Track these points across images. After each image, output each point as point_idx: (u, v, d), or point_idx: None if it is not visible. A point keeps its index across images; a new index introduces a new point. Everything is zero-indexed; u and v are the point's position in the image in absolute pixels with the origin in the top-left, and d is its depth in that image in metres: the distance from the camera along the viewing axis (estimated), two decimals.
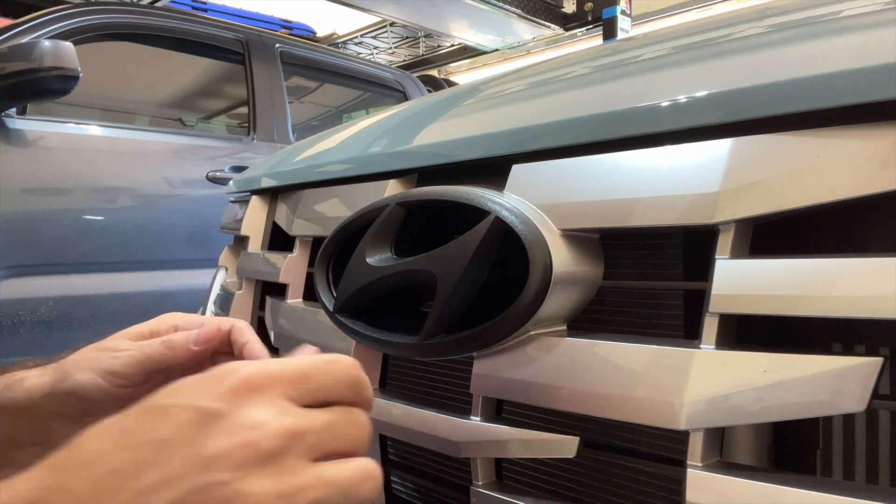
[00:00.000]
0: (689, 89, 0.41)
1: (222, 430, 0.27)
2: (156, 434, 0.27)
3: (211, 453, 0.27)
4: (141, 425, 0.28)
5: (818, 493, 0.31)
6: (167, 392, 0.30)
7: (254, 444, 0.27)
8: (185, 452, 0.27)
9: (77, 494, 0.25)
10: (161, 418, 0.28)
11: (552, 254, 0.42)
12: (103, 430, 0.28)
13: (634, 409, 0.38)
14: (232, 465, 0.26)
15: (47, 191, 1.96)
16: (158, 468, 0.26)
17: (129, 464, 0.26)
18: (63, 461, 0.27)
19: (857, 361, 0.31)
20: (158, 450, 0.27)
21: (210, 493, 0.26)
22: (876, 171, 0.32)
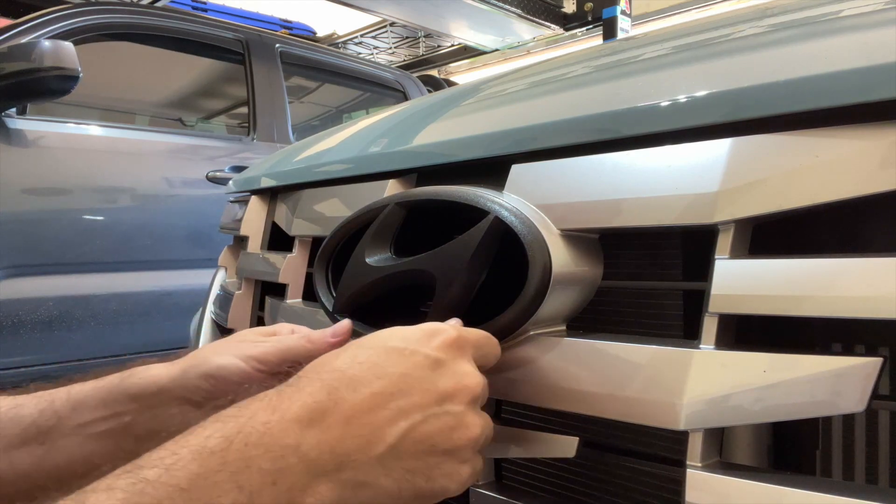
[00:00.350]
0: (688, 89, 0.41)
1: (447, 373, 0.35)
2: (398, 369, 0.34)
3: (443, 390, 0.35)
4: (388, 360, 0.34)
5: (818, 494, 0.31)
6: (391, 336, 0.37)
7: (471, 388, 0.36)
8: (423, 386, 0.34)
9: (351, 406, 0.32)
10: (400, 357, 0.35)
11: (551, 254, 0.42)
12: (352, 360, 0.34)
13: (634, 410, 0.38)
14: (458, 401, 0.35)
15: (47, 191, 1.96)
16: (406, 395, 0.33)
17: (385, 388, 0.33)
18: (331, 380, 0.33)
19: (856, 362, 0.31)
20: (404, 381, 0.34)
21: (444, 419, 0.34)
22: (875, 170, 0.32)
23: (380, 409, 0.32)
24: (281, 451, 0.29)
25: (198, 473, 0.27)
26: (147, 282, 2.13)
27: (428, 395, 0.34)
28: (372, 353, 0.35)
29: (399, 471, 0.32)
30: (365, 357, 0.34)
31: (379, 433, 0.32)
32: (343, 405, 0.32)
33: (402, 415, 0.33)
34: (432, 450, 0.33)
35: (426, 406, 0.34)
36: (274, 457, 0.29)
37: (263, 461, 0.29)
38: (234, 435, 0.29)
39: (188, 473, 0.27)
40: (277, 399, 0.32)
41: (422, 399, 0.34)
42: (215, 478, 0.28)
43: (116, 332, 2.06)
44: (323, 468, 0.30)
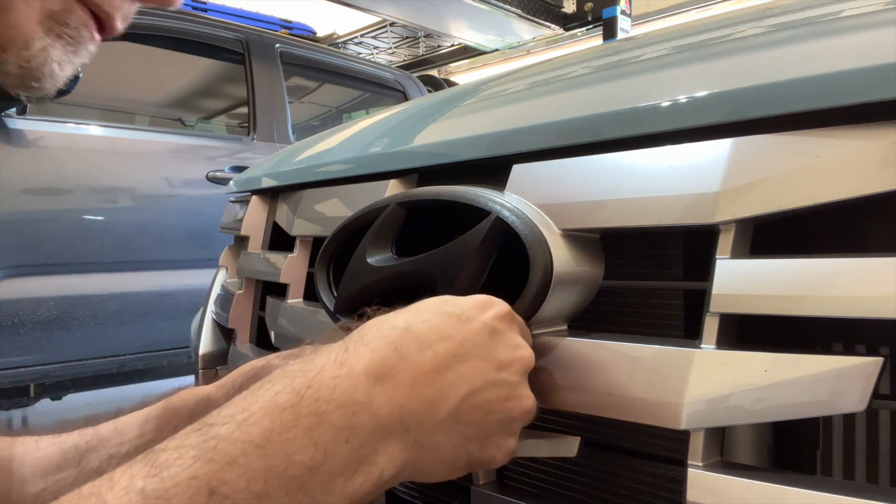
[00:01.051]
0: (689, 89, 0.41)
1: (504, 344, 0.35)
2: (460, 334, 0.34)
3: (501, 359, 0.35)
4: (448, 324, 0.34)
5: (818, 493, 0.31)
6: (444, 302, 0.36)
7: (525, 361, 0.36)
8: (482, 353, 0.34)
9: (417, 365, 0.32)
10: (462, 323, 0.35)
11: (553, 254, 0.42)
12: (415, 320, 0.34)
13: (635, 409, 0.38)
14: (514, 372, 0.35)
15: (47, 191, 1.96)
16: (467, 360, 0.33)
17: (448, 350, 0.33)
18: (397, 338, 0.33)
19: (857, 361, 0.31)
20: (464, 346, 0.34)
21: (501, 388, 0.34)
22: (876, 170, 0.32)
23: (444, 371, 0.32)
24: (353, 407, 0.29)
25: (271, 429, 0.27)
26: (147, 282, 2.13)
27: (487, 362, 0.34)
28: (430, 316, 0.34)
29: (458, 435, 0.33)
30: (424, 318, 0.34)
31: (443, 395, 0.32)
32: (410, 363, 0.32)
33: (463, 379, 0.33)
34: (488, 418, 0.34)
35: (485, 373, 0.34)
36: (346, 413, 0.29)
37: (336, 417, 0.29)
38: (304, 390, 0.29)
39: (262, 429, 0.27)
40: (344, 355, 0.31)
41: (482, 365, 0.34)
42: (289, 433, 0.27)
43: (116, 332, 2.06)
44: (392, 428, 0.30)
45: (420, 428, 0.31)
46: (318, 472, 0.27)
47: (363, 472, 0.29)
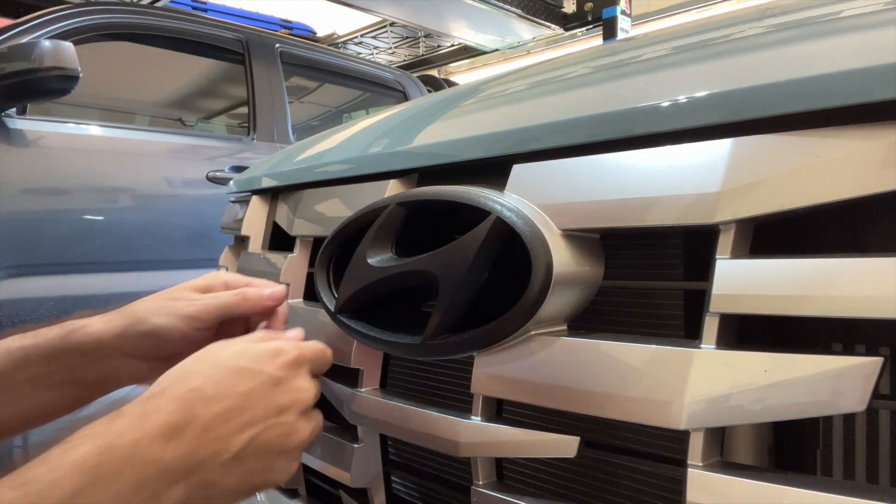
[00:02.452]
0: (689, 89, 0.41)
1: (285, 390, 0.43)
2: (245, 387, 0.41)
3: (280, 404, 0.42)
4: (236, 380, 0.41)
5: (818, 493, 0.31)
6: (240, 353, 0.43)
7: (304, 401, 0.44)
8: (265, 402, 0.41)
9: (205, 421, 0.38)
10: (247, 377, 0.41)
11: (553, 254, 0.42)
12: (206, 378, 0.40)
13: (635, 409, 0.38)
14: (293, 413, 0.43)
15: (47, 191, 1.96)
16: (251, 410, 0.40)
17: (234, 405, 0.40)
18: (189, 398, 0.39)
19: (857, 361, 0.31)
20: (249, 399, 0.41)
21: (281, 427, 0.42)
22: (876, 171, 0.32)
23: (228, 423, 0.39)
24: (145, 465, 0.35)
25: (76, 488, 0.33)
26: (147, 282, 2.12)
27: (268, 409, 0.41)
28: (224, 373, 0.41)
29: (240, 472, 0.39)
30: (219, 377, 0.41)
31: (227, 443, 0.39)
32: (199, 421, 0.38)
33: (246, 427, 0.40)
34: (269, 452, 0.41)
35: (266, 418, 0.41)
36: (139, 470, 0.35)
37: (132, 472, 0.35)
38: (107, 451, 0.35)
39: (69, 489, 0.33)
40: (143, 416, 0.37)
41: (263, 413, 0.41)
42: (91, 490, 0.33)
43: None
44: (178, 475, 0.36)
45: (204, 471, 0.38)
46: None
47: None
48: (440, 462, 0.59)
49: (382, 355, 0.59)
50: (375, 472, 0.60)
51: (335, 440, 0.62)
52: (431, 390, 0.60)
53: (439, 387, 0.59)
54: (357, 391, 0.58)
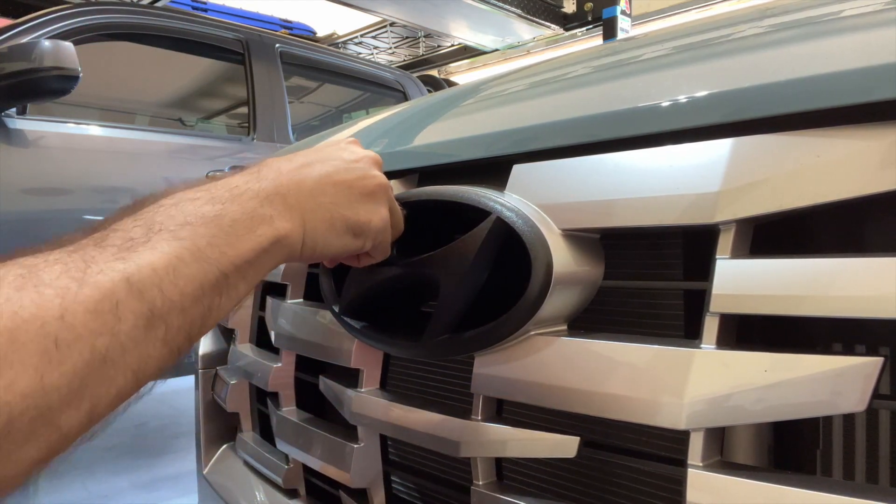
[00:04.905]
0: (689, 89, 0.41)
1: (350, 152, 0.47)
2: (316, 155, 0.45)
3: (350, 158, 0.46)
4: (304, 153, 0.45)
5: (818, 493, 0.31)
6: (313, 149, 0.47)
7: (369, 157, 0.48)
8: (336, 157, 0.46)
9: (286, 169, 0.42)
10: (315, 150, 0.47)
11: (553, 254, 0.42)
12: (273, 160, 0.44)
13: (635, 409, 0.38)
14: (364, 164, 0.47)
15: (47, 191, 1.96)
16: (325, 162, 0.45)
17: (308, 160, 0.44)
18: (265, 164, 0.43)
19: (857, 361, 0.31)
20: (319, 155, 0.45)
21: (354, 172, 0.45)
22: (876, 170, 0.32)
23: (304, 168, 0.43)
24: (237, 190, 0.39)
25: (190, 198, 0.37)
26: None
27: (338, 160, 0.45)
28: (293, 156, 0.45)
29: (328, 203, 0.43)
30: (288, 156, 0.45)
31: (305, 178, 0.42)
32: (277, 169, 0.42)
33: (319, 168, 0.44)
34: (350, 191, 0.44)
35: (337, 164, 0.45)
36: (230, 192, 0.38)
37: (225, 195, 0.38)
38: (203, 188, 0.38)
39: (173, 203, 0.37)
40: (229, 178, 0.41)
41: (334, 162, 0.45)
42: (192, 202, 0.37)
43: None
44: (268, 198, 0.39)
45: (294, 195, 0.41)
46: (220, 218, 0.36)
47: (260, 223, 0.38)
48: (440, 462, 0.59)
49: (382, 355, 0.59)
50: (375, 473, 0.60)
51: (335, 440, 0.62)
52: (431, 390, 0.60)
53: (439, 387, 0.59)
54: (357, 391, 0.58)
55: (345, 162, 0.45)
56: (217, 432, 0.94)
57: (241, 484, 0.82)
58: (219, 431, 0.94)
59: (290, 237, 0.40)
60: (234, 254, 0.36)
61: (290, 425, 0.69)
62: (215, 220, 0.36)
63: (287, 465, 0.73)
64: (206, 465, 0.92)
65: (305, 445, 0.66)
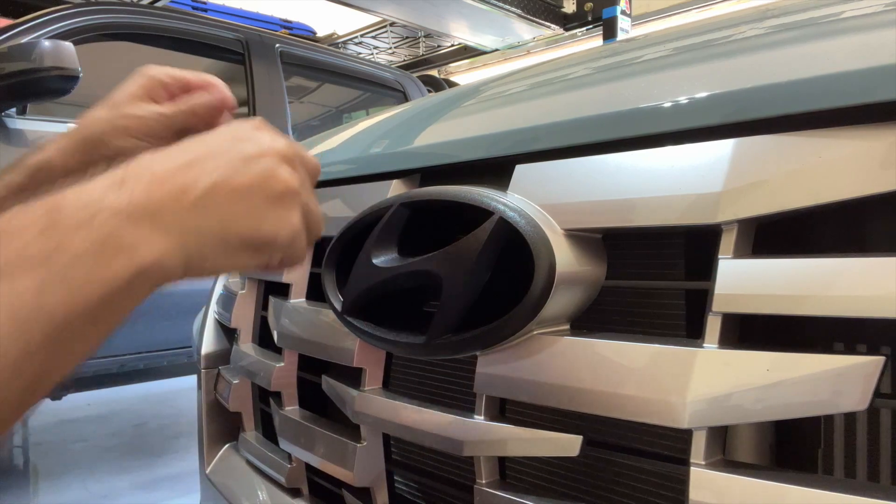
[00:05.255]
0: (690, 90, 0.41)
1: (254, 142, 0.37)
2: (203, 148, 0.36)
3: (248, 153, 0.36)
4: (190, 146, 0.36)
5: (820, 492, 0.31)
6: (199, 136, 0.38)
7: (278, 150, 0.38)
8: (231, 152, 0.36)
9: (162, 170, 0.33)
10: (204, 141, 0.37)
11: (556, 253, 0.42)
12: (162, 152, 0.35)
13: (637, 408, 0.38)
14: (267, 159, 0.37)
15: None
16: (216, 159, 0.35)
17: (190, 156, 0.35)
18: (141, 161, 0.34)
19: (858, 360, 0.31)
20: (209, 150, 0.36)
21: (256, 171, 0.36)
22: (877, 171, 0.32)
23: (187, 169, 0.34)
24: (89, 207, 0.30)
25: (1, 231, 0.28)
26: None
27: (235, 157, 0.36)
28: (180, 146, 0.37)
29: (220, 218, 0.34)
30: (175, 148, 0.36)
31: (190, 184, 0.33)
32: (150, 171, 0.33)
33: (211, 171, 0.34)
34: (250, 197, 0.35)
35: (235, 163, 0.35)
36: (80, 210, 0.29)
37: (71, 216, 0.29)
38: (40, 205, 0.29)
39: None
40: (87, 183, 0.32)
41: (227, 160, 0.35)
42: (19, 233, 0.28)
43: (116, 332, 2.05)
44: (136, 216, 0.31)
45: (171, 212, 0.32)
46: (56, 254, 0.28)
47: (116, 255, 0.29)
48: (443, 461, 0.60)
49: (385, 355, 0.59)
50: (378, 472, 0.60)
51: (338, 439, 0.62)
52: (434, 390, 0.60)
53: (442, 386, 0.59)
54: (360, 391, 0.58)
55: (243, 158, 0.36)
56: (219, 432, 0.94)
57: (244, 483, 0.82)
58: (221, 431, 0.94)
59: (163, 264, 0.31)
60: (74, 300, 0.28)
61: (293, 425, 0.69)
62: (47, 263, 0.27)
63: (290, 465, 0.73)
64: (209, 465, 0.92)
65: (308, 445, 0.66)
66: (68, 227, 0.29)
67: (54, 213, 0.29)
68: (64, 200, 0.30)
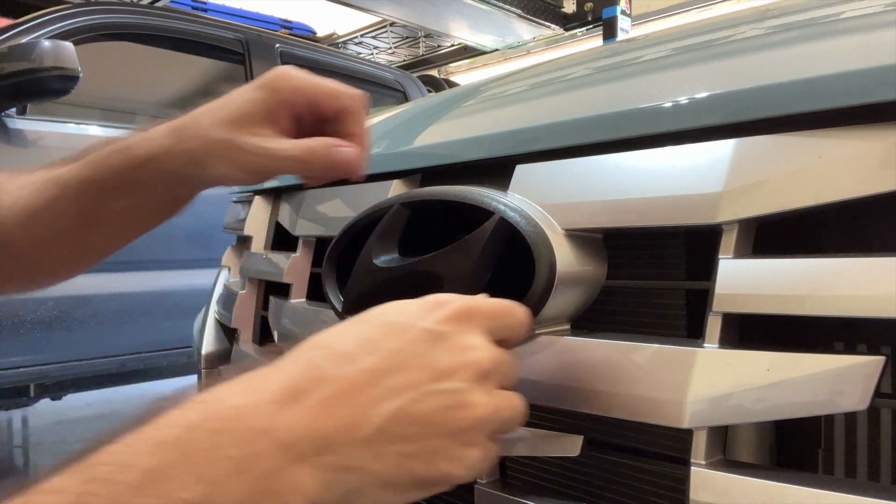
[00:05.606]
0: (691, 90, 0.41)
1: (448, 348, 0.32)
2: (393, 345, 0.31)
3: (442, 366, 0.31)
4: (379, 336, 0.32)
5: (820, 491, 0.31)
6: (389, 310, 0.34)
7: (476, 364, 0.32)
8: (420, 362, 0.31)
9: (335, 385, 0.29)
10: (396, 332, 0.32)
11: (556, 253, 0.42)
12: (344, 335, 0.32)
13: (638, 408, 0.38)
14: (461, 378, 0.31)
15: None
16: (399, 373, 0.30)
17: (375, 365, 0.30)
18: (316, 357, 0.30)
19: (858, 360, 0.31)
20: (397, 357, 0.31)
21: (441, 397, 0.30)
22: (877, 171, 0.32)
23: (367, 388, 0.29)
24: (251, 436, 0.26)
25: (152, 468, 0.24)
26: (147, 282, 2.12)
27: (423, 371, 0.30)
28: (366, 327, 0.32)
29: (392, 455, 0.29)
30: (359, 332, 0.32)
31: (365, 413, 0.29)
32: (325, 385, 0.29)
33: (392, 393, 0.29)
34: (430, 431, 0.30)
35: (420, 384, 0.30)
36: (242, 443, 0.26)
37: (231, 449, 0.26)
38: (199, 423, 0.26)
39: (142, 469, 0.24)
40: (255, 381, 0.29)
41: (417, 376, 0.30)
42: (173, 471, 0.25)
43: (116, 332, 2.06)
44: (300, 452, 0.27)
45: (337, 450, 0.28)
46: None
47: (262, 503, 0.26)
48: None
49: None
50: None
51: None
52: None
53: None
54: None
55: (433, 374, 0.30)
56: None
57: None
58: None
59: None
60: None
61: None
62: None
63: None
64: None
65: None
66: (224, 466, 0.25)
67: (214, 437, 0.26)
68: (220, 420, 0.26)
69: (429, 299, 0.35)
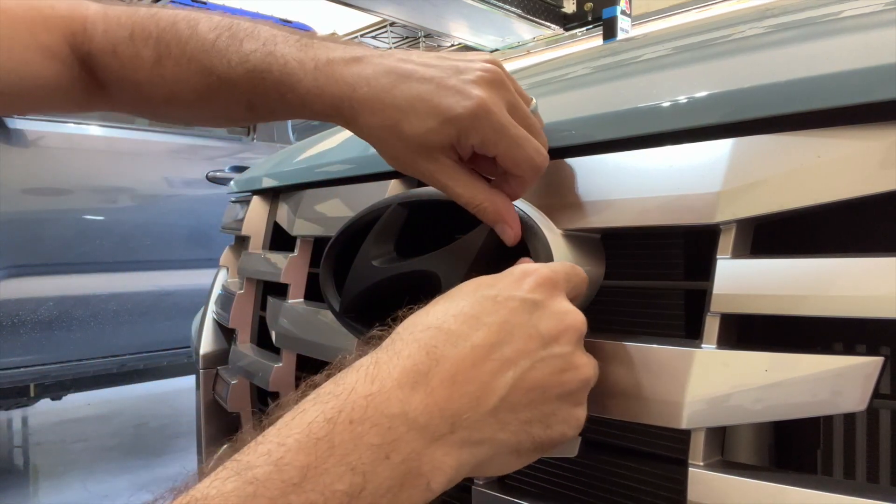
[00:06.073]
0: (689, 90, 0.41)
1: (547, 315, 0.33)
2: (496, 317, 0.32)
3: (546, 332, 0.33)
4: (479, 311, 0.32)
5: (819, 493, 0.31)
6: (481, 284, 0.35)
7: (575, 327, 0.34)
8: (526, 332, 0.32)
9: (454, 362, 0.30)
10: (494, 305, 0.33)
11: (554, 253, 0.42)
12: (445, 314, 0.32)
13: (636, 409, 0.38)
14: (565, 342, 0.33)
15: (47, 191, 1.96)
16: (509, 343, 0.31)
17: (486, 339, 0.31)
18: (427, 339, 0.31)
19: (857, 361, 0.31)
20: (504, 329, 0.32)
21: (553, 362, 0.32)
22: (876, 171, 0.32)
23: (484, 362, 0.30)
24: (388, 423, 0.28)
25: (307, 464, 0.26)
26: (147, 282, 2.13)
27: (531, 340, 0.32)
28: (464, 304, 0.33)
29: (515, 423, 0.31)
30: (458, 310, 0.32)
31: (488, 386, 0.30)
32: (445, 363, 0.30)
33: (508, 364, 0.31)
34: (545, 396, 0.32)
35: (531, 352, 0.32)
36: (382, 430, 0.27)
37: (372, 436, 0.27)
38: (337, 415, 0.27)
39: (298, 466, 0.26)
40: (375, 369, 0.30)
41: (525, 345, 0.32)
42: (326, 464, 0.26)
43: (116, 332, 2.06)
44: (436, 432, 0.28)
45: (468, 425, 0.29)
46: (359, 498, 0.26)
47: (408, 485, 0.28)
48: None
49: None
50: None
51: None
52: None
53: None
54: None
55: (542, 345, 0.32)
56: (218, 432, 0.94)
57: None
58: (220, 431, 0.94)
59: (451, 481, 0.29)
60: None
61: None
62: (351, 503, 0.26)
63: None
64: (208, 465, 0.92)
65: None
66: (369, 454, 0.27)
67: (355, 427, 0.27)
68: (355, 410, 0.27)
69: (513, 270, 0.36)
